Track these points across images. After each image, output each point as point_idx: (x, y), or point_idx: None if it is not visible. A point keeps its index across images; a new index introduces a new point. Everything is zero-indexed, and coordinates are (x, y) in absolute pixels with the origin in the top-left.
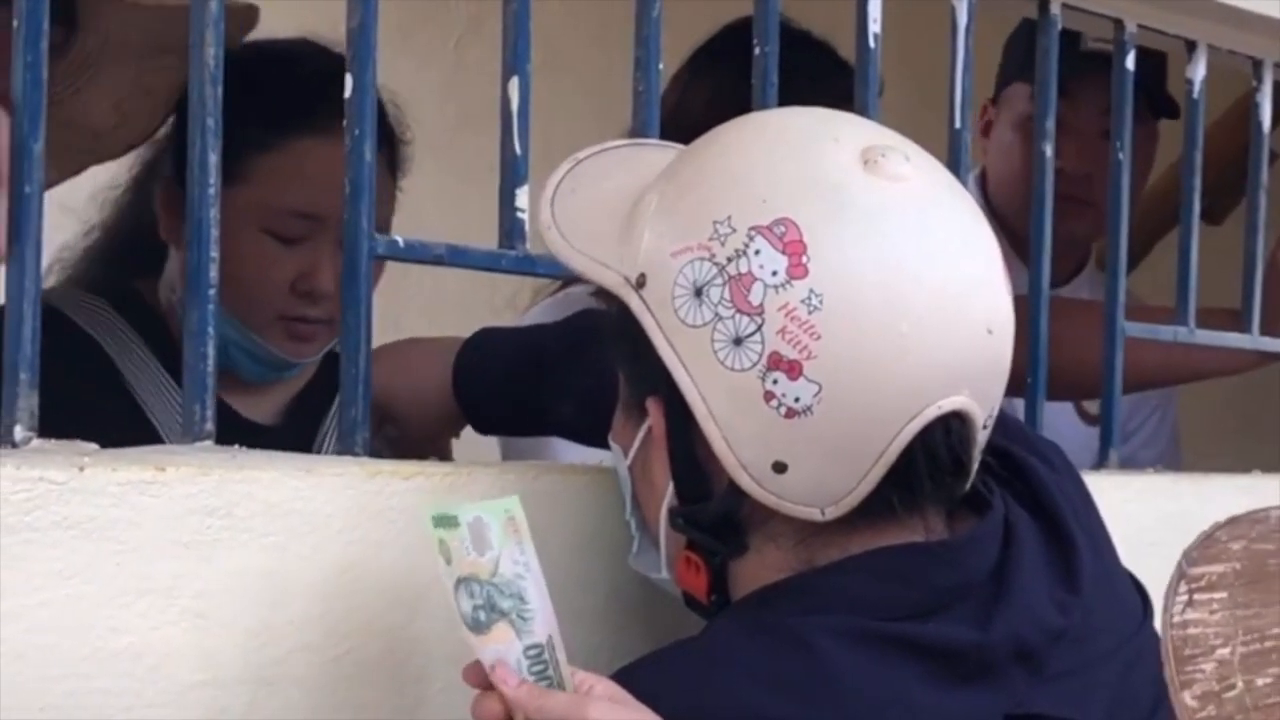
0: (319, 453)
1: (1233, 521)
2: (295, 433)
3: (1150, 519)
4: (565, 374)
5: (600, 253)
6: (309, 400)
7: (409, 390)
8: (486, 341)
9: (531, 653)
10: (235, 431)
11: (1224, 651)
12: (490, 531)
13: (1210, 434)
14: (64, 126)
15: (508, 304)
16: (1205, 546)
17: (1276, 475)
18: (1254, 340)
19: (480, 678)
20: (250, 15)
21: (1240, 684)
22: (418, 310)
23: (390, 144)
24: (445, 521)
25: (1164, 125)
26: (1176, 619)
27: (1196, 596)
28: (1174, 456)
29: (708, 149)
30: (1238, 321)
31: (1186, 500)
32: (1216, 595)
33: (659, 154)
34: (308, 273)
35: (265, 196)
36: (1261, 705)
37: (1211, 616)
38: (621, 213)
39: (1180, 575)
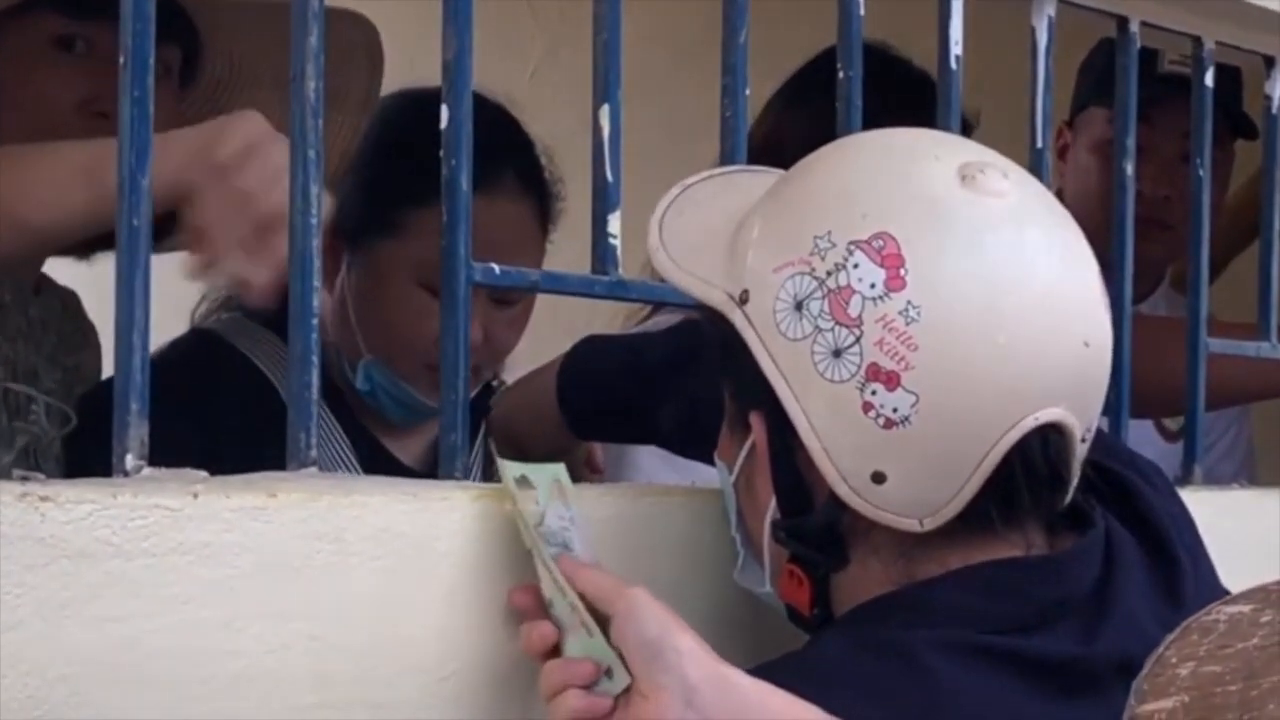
0: None
1: (1182, 636)
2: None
3: (1236, 534)
4: (666, 383)
5: (705, 271)
6: None
7: (527, 410)
8: (590, 348)
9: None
10: (387, 470)
11: None
12: (539, 491)
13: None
14: None
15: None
16: (1155, 674)
17: None
18: None
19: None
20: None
21: None
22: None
23: (543, 196)
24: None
25: (1246, 143)
26: None
27: None
28: (1250, 470)
29: (809, 169)
30: None
31: (1272, 516)
32: None
33: (765, 179)
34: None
35: (421, 251)
36: None
37: None
38: (726, 233)
39: (1131, 718)
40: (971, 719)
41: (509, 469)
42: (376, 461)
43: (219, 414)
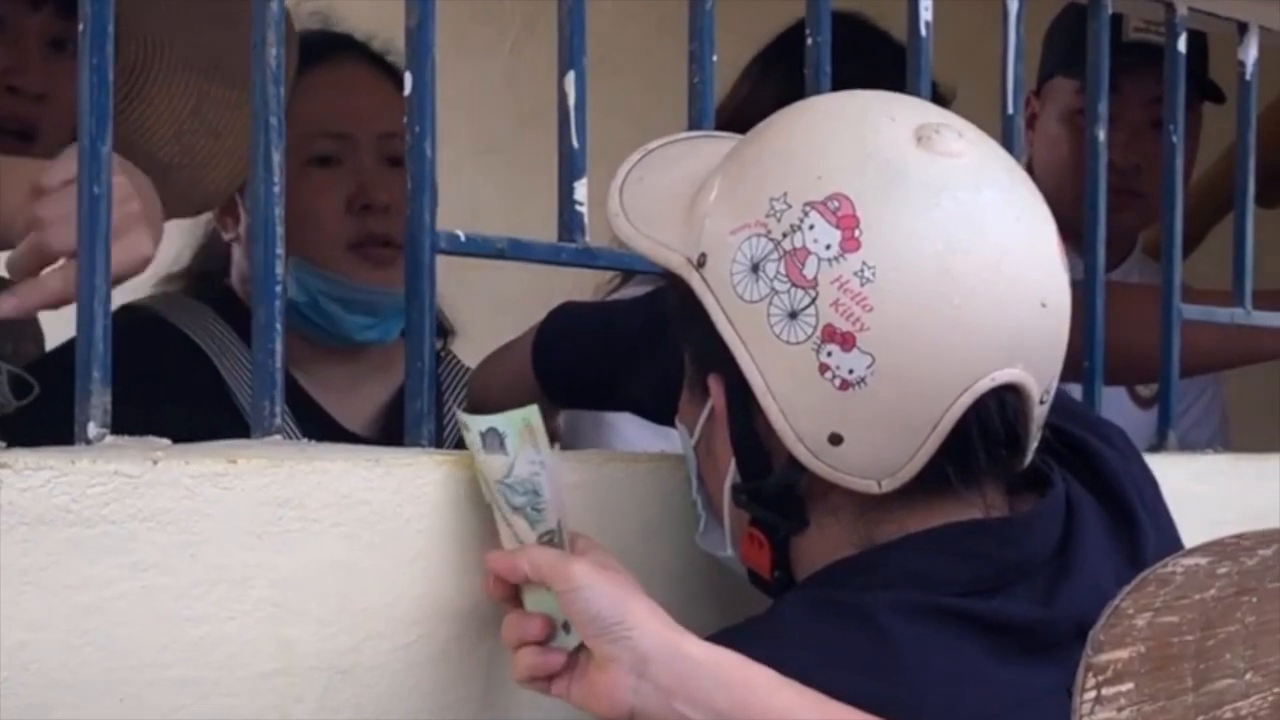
0: None
1: (1139, 587)
2: (390, 439)
3: (1210, 499)
4: (641, 351)
5: (664, 236)
6: (401, 408)
7: (502, 379)
8: (566, 315)
9: (545, 539)
10: (333, 439)
11: None
12: (507, 440)
13: (1266, 415)
14: (128, 148)
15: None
16: (1111, 625)
17: None
18: None
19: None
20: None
21: None
22: (479, 309)
23: (381, 61)
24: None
25: (1218, 112)
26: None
27: (1104, 691)
28: (1225, 436)
29: (766, 131)
30: None
31: (1247, 480)
32: (1123, 688)
33: (726, 144)
34: (357, 191)
35: (300, 131)
36: None
37: (1120, 715)
38: (685, 197)
39: (1087, 667)
40: (931, 680)
41: (475, 423)
42: (320, 429)
43: (155, 389)
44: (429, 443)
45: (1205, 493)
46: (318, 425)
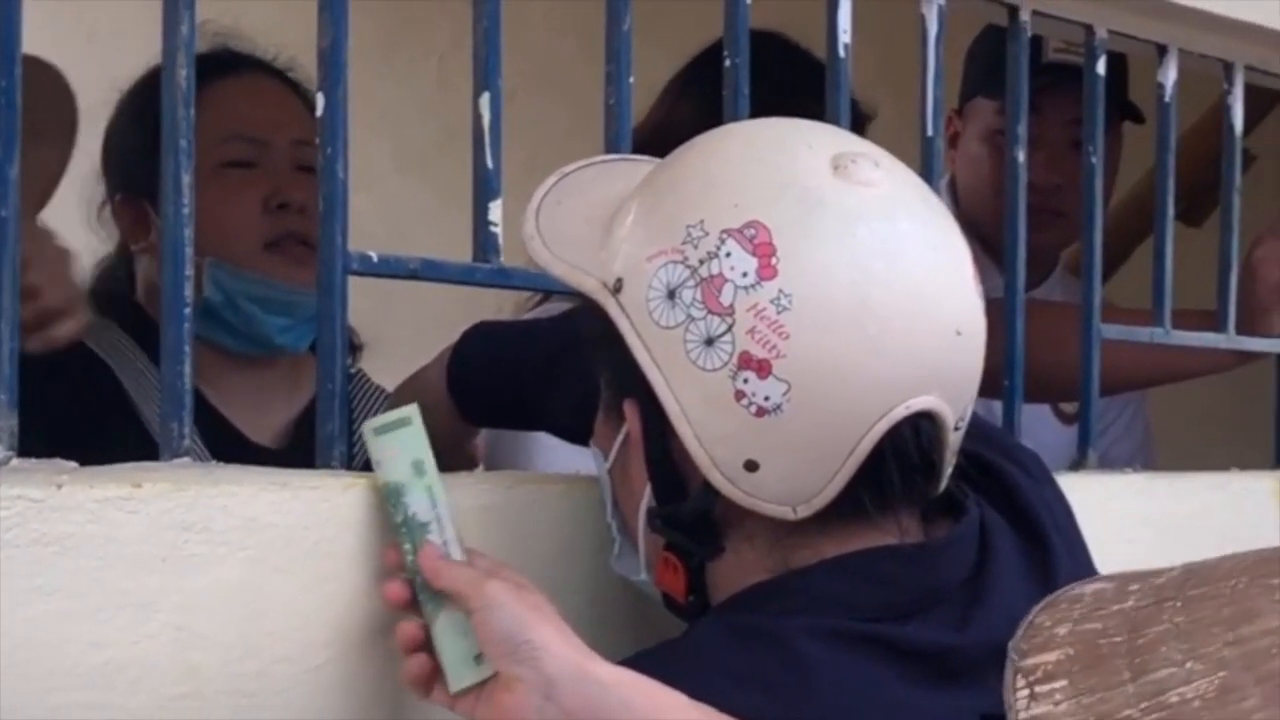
0: None
1: (1050, 605)
2: (298, 455)
3: (1128, 518)
4: (558, 371)
5: (580, 260)
6: (311, 422)
7: (418, 401)
8: (480, 335)
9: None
10: (240, 454)
11: None
12: (400, 454)
13: (1188, 434)
14: None
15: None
16: (1030, 636)
17: (1251, 473)
18: (1230, 340)
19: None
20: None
21: None
22: (399, 329)
23: (283, 75)
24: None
25: (1141, 131)
26: (1023, 716)
27: (1037, 689)
28: (1148, 451)
29: (684, 156)
30: (1214, 322)
31: (1162, 499)
32: (1057, 685)
33: (644, 167)
34: (273, 191)
35: (213, 135)
36: None
37: (1058, 709)
38: (602, 221)
39: (1015, 671)
40: (844, 706)
41: (366, 431)
42: (228, 444)
43: (60, 406)
44: (340, 465)
45: (1123, 511)
46: (225, 440)
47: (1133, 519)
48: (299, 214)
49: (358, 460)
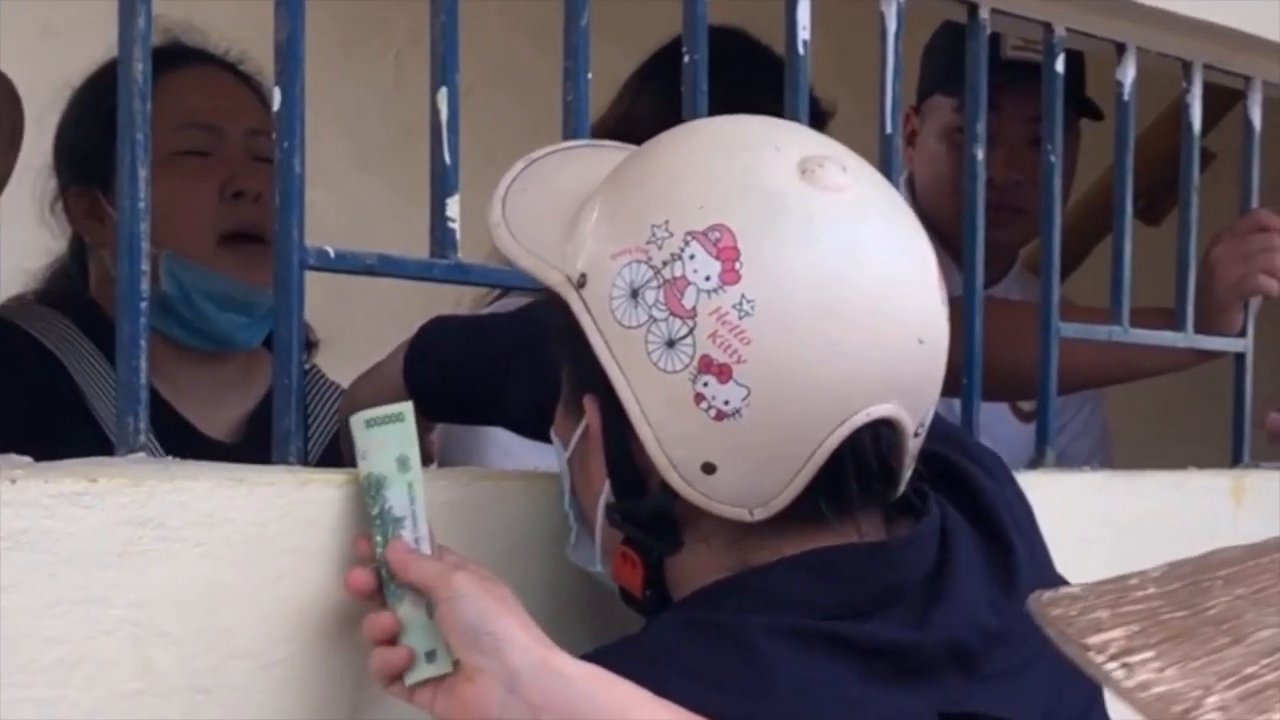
0: None
1: (1053, 602)
2: (252, 450)
3: (1086, 516)
4: (516, 366)
5: (546, 252)
6: (265, 415)
7: (375, 396)
8: (438, 330)
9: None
10: (193, 448)
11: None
12: (386, 448)
13: (1146, 432)
14: None
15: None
16: (1068, 623)
17: (1209, 471)
18: (1188, 339)
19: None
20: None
21: None
22: (354, 325)
23: (233, 67)
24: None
25: (1100, 129)
26: (1128, 684)
27: (1126, 660)
28: (1105, 450)
29: (651, 153)
30: (1172, 321)
31: (1121, 497)
32: (1143, 657)
33: (613, 155)
34: (228, 179)
35: (161, 125)
36: None
37: (1163, 675)
38: (569, 213)
39: (1082, 647)
40: (803, 704)
41: (356, 422)
42: (181, 438)
43: (10, 401)
44: (296, 460)
45: (1081, 510)
46: (178, 434)
47: (1091, 517)
48: (254, 203)
49: (313, 456)
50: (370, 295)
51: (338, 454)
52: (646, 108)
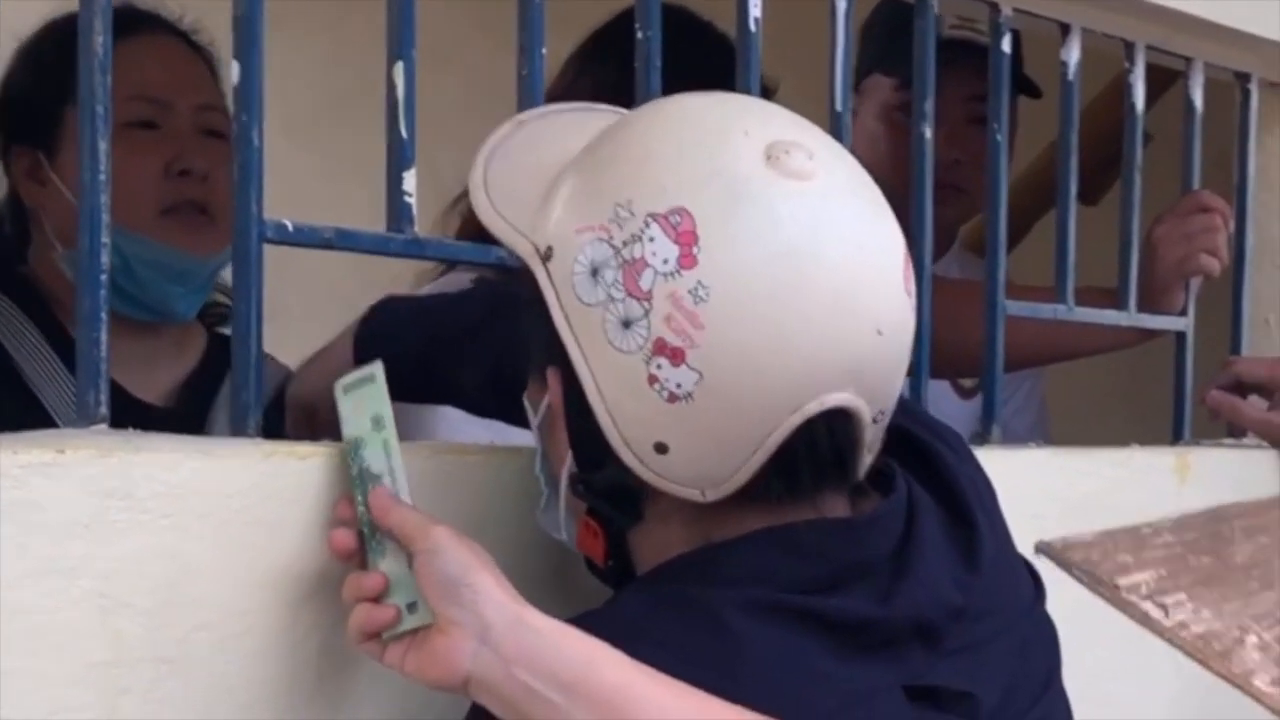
0: (210, 435)
1: (1070, 547)
2: (186, 414)
3: (1032, 493)
4: (467, 345)
5: (519, 220)
6: (199, 382)
7: (325, 376)
8: (388, 310)
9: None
10: (127, 411)
11: None
12: (364, 410)
13: (1088, 410)
14: None
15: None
16: (1093, 565)
17: (1153, 448)
18: (1131, 317)
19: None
20: None
21: None
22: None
23: (186, 37)
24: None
25: (1040, 108)
26: (1170, 623)
27: (1160, 600)
28: (1043, 427)
29: (626, 128)
30: (1115, 300)
31: (1068, 474)
32: (1177, 598)
33: (601, 120)
34: (175, 156)
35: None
36: None
37: (1199, 615)
38: (544, 183)
39: (1114, 588)
40: (773, 677)
41: (336, 390)
42: (117, 404)
43: None
44: (256, 433)
45: (1027, 486)
46: (114, 400)
47: (1038, 494)
48: (200, 182)
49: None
50: (305, 268)
51: (271, 426)
52: (587, 86)
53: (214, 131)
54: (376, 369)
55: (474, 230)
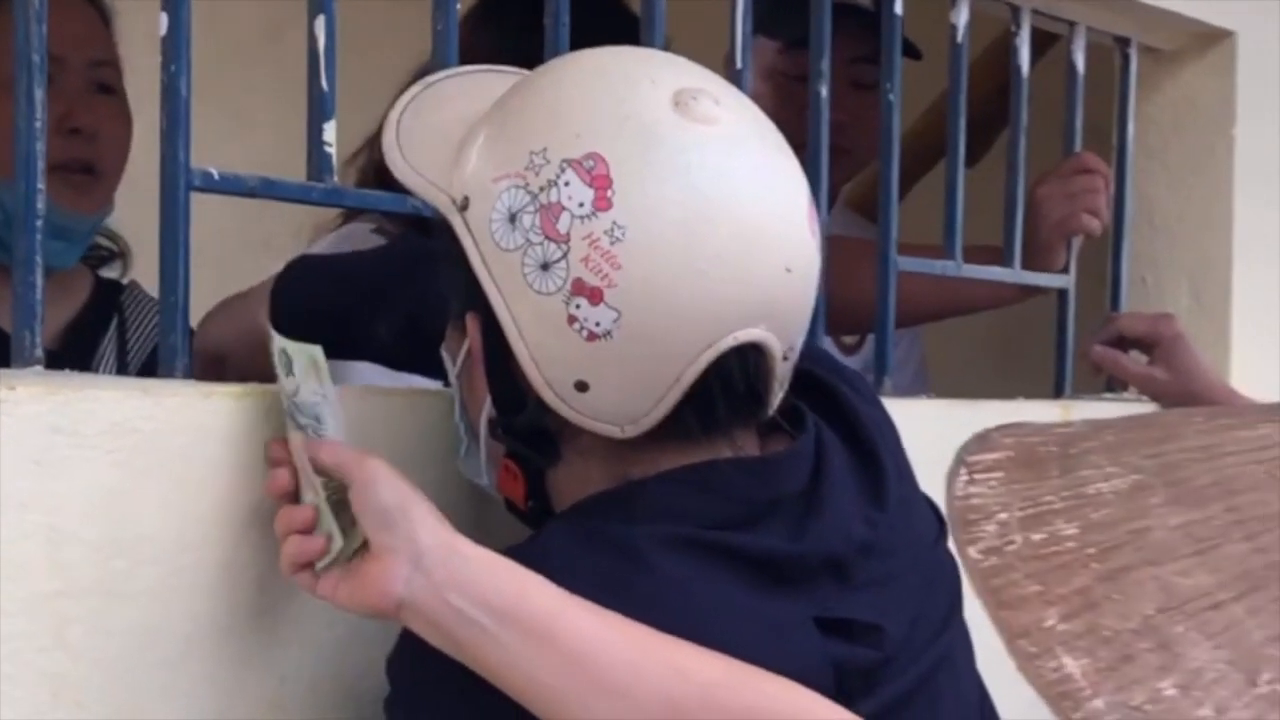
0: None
1: (1001, 427)
2: (72, 356)
3: (928, 441)
4: (382, 299)
5: (434, 174)
6: (83, 325)
7: (236, 328)
8: (303, 266)
9: None
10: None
11: (1003, 516)
12: (295, 364)
13: (968, 366)
14: None
15: (264, 243)
16: (979, 440)
17: (1038, 401)
18: (1016, 274)
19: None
20: None
21: (1019, 539)
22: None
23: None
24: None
25: (924, 70)
26: (959, 494)
27: (976, 476)
28: (923, 380)
29: (534, 82)
30: (1000, 257)
31: (960, 425)
32: (993, 475)
33: (506, 80)
34: (66, 113)
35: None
36: (1036, 555)
37: (990, 491)
38: (456, 138)
39: (960, 463)
40: (694, 609)
41: (275, 341)
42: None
43: None
44: (183, 375)
45: (920, 434)
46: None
47: (929, 445)
48: (89, 140)
49: (131, 369)
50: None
51: (155, 368)
52: (484, 44)
53: (106, 87)
54: (316, 352)
55: (371, 183)
